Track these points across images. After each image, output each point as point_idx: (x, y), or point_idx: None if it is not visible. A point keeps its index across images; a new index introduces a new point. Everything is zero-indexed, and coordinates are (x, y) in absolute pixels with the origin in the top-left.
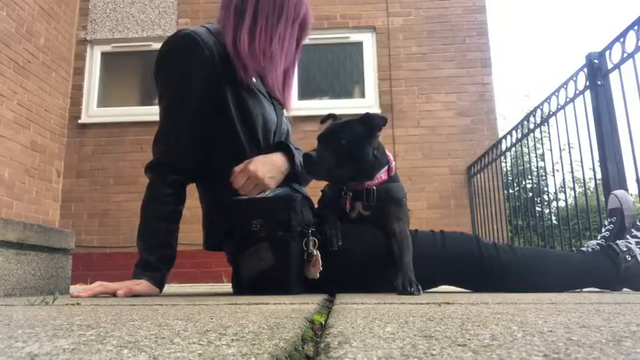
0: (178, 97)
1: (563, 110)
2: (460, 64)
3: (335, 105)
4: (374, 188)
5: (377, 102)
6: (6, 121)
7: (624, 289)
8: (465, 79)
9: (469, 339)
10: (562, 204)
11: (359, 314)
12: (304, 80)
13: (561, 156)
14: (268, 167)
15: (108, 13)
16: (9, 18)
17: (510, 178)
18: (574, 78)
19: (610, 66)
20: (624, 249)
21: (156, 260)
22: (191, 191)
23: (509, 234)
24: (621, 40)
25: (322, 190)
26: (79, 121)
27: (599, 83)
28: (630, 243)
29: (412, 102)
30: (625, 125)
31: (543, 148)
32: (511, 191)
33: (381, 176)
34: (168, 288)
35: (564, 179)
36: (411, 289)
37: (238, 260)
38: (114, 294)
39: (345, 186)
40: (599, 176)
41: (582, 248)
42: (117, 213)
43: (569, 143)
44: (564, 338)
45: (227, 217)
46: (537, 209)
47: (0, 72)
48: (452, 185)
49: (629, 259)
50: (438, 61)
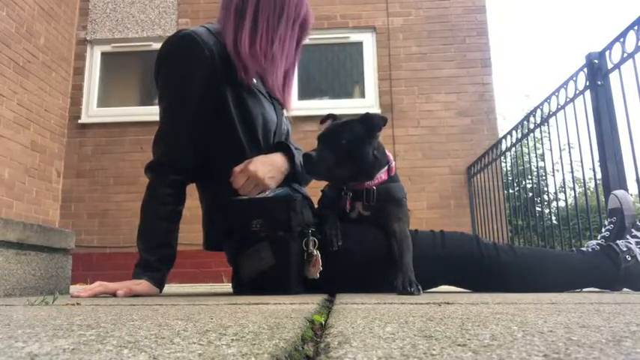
0: (178, 97)
1: (563, 110)
2: (460, 64)
3: (335, 105)
4: (374, 188)
5: (377, 102)
6: (6, 121)
7: (624, 289)
8: (465, 79)
9: (469, 339)
10: (562, 204)
11: (359, 314)
12: (304, 80)
13: (561, 156)
14: (268, 167)
15: (108, 13)
16: (9, 18)
17: (510, 178)
18: (574, 78)
19: (610, 66)
20: (624, 249)
21: (156, 260)
22: (191, 191)
23: (509, 234)
24: (621, 40)
25: (322, 190)
26: (79, 121)
27: (599, 83)
28: (630, 243)
29: (412, 102)
30: (625, 125)
31: (543, 148)
32: (511, 191)
33: (381, 176)
34: (168, 288)
35: (564, 179)
36: (411, 289)
37: (238, 260)
38: (114, 294)
39: (345, 186)
40: (599, 176)
41: (582, 248)
42: (117, 213)
43: (569, 143)
44: (564, 338)
45: (227, 217)
46: (537, 209)
47: (0, 72)
48: (452, 185)
49: (629, 259)
50: (438, 61)
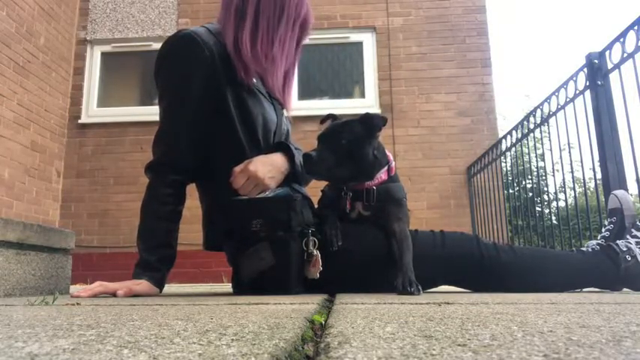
0: (178, 97)
1: (563, 110)
2: (460, 64)
3: (335, 105)
4: (374, 188)
5: (377, 102)
6: (6, 121)
7: (624, 289)
8: (465, 79)
9: (469, 339)
10: (562, 204)
11: (359, 314)
12: (304, 80)
13: (561, 156)
14: (268, 167)
15: (108, 13)
16: (9, 18)
17: (510, 178)
18: (574, 78)
19: (610, 66)
20: (624, 249)
21: (156, 260)
22: (191, 191)
23: (509, 234)
24: (621, 40)
25: (322, 190)
26: (79, 121)
27: (599, 83)
28: (630, 243)
29: (412, 102)
30: (625, 125)
31: (543, 148)
32: (511, 191)
33: (381, 176)
34: (168, 288)
35: (564, 179)
36: (411, 289)
37: (238, 260)
38: (114, 294)
39: (345, 186)
40: (599, 176)
41: (582, 248)
42: (117, 213)
43: (569, 143)
44: (564, 338)
45: (227, 217)
46: (537, 209)
47: (0, 72)
48: (452, 185)
49: (629, 259)
50: (438, 61)
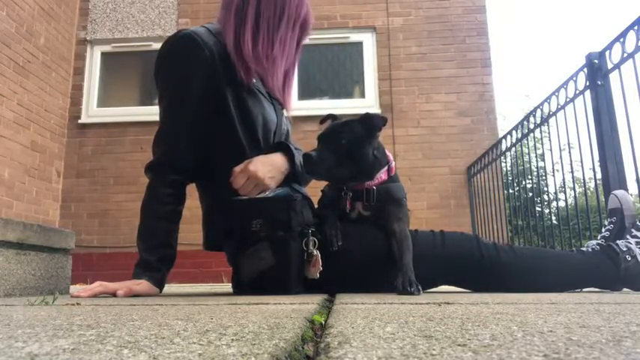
0: (178, 97)
1: (563, 110)
2: (460, 64)
3: (335, 105)
4: (374, 188)
5: (377, 102)
6: (6, 121)
7: (624, 289)
8: (465, 79)
9: (469, 339)
10: (562, 204)
11: (359, 314)
12: (304, 80)
13: (561, 156)
14: (268, 167)
15: (108, 13)
16: (9, 18)
17: (510, 178)
18: (574, 78)
19: (610, 66)
20: (624, 249)
21: (156, 260)
22: (191, 191)
23: (509, 234)
24: (621, 40)
25: (322, 190)
26: (79, 121)
27: (599, 83)
28: (630, 243)
29: (412, 102)
30: (625, 125)
31: (543, 148)
32: (511, 191)
33: (381, 176)
34: (168, 288)
35: (564, 179)
36: (411, 289)
37: (238, 260)
38: (114, 294)
39: (345, 186)
40: (599, 176)
41: (582, 248)
42: (117, 213)
43: (569, 143)
44: (564, 338)
45: (227, 217)
46: (537, 209)
47: (0, 72)
48: (452, 185)
49: (629, 259)
50: (438, 61)
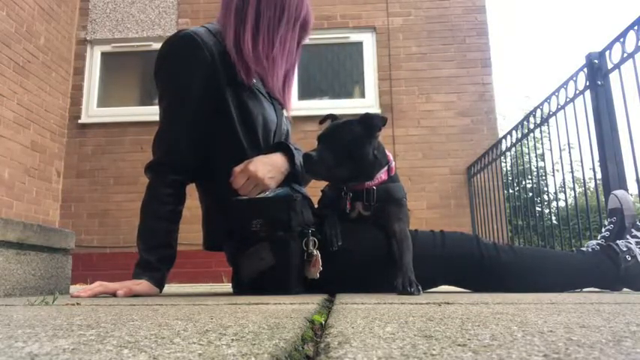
0: (178, 98)
1: (563, 110)
2: (460, 64)
3: (335, 105)
4: (374, 188)
5: (377, 102)
6: (6, 121)
7: (624, 289)
8: (465, 79)
9: (469, 339)
10: (562, 204)
11: (359, 314)
12: (304, 80)
13: (561, 156)
14: (268, 167)
15: (108, 13)
16: (9, 18)
17: (510, 178)
18: (574, 78)
19: (610, 66)
20: (624, 249)
21: (156, 260)
22: (191, 191)
23: (509, 234)
24: (621, 40)
25: (322, 190)
26: (79, 121)
27: (599, 83)
28: (630, 243)
29: (412, 102)
30: (625, 125)
31: (543, 148)
32: (511, 191)
33: (381, 176)
34: (168, 288)
35: (564, 179)
36: (411, 289)
37: (238, 260)
38: (114, 294)
39: (345, 186)
40: (599, 176)
41: (582, 248)
42: (117, 213)
43: (569, 143)
44: (564, 338)
45: (227, 217)
46: (537, 209)
47: (0, 72)
48: (452, 185)
49: (629, 259)
50: (438, 61)
